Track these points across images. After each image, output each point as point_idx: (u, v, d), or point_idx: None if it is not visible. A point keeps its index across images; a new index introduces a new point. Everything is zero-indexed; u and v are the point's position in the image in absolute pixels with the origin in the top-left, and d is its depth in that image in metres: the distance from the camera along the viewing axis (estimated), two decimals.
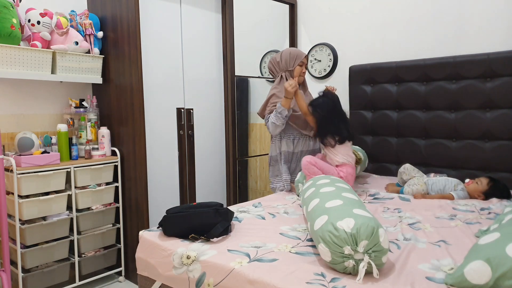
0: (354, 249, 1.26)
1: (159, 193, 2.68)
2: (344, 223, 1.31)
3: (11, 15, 2.18)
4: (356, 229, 1.28)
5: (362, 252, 1.26)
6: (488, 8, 2.62)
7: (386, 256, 1.29)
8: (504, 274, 1.08)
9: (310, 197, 1.72)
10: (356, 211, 1.39)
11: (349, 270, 1.28)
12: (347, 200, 1.51)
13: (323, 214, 1.43)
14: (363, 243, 1.26)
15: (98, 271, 2.61)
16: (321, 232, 1.34)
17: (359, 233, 1.27)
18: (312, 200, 1.65)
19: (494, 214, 1.96)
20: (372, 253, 1.26)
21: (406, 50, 2.99)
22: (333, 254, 1.29)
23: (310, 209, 1.61)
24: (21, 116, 2.50)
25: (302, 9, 3.60)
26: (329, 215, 1.40)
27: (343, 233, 1.28)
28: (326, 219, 1.38)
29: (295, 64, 2.60)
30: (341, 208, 1.43)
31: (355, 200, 1.56)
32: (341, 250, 1.27)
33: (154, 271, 1.64)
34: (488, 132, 2.56)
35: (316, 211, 1.52)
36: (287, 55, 2.62)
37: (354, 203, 1.50)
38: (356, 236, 1.27)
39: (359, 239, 1.26)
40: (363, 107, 3.13)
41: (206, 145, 3.00)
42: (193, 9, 2.85)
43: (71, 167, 2.37)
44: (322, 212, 1.45)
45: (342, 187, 1.73)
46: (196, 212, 1.69)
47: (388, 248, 1.30)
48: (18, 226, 2.18)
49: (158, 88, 2.65)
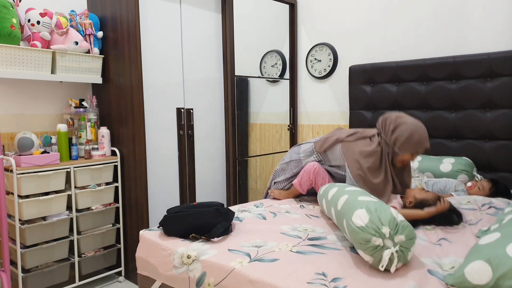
0: (392, 234, 1.29)
1: (159, 193, 2.68)
2: (395, 213, 1.36)
3: (11, 15, 2.17)
4: (404, 223, 1.33)
5: (394, 242, 1.29)
6: (488, 8, 2.62)
7: (400, 264, 1.31)
8: (504, 274, 1.08)
9: (340, 193, 1.67)
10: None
11: (368, 246, 1.30)
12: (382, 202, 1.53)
13: (369, 197, 1.50)
14: (401, 237, 1.30)
15: (98, 271, 2.60)
16: (370, 204, 1.40)
17: (404, 228, 1.32)
18: (349, 187, 1.72)
19: (494, 209, 1.96)
20: (399, 251, 1.29)
21: (406, 50, 2.99)
22: (370, 223, 1.32)
23: (349, 189, 1.67)
24: (21, 116, 2.50)
25: (302, 9, 3.60)
26: (377, 199, 1.49)
27: (392, 217, 1.33)
28: (376, 200, 1.46)
29: (411, 150, 2.02)
30: (382, 203, 1.48)
31: None
32: (380, 225, 1.30)
33: (154, 271, 1.64)
34: (488, 132, 2.56)
35: (360, 192, 1.59)
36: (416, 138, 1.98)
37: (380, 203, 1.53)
38: (400, 227, 1.32)
39: (401, 232, 1.31)
40: (363, 107, 3.12)
41: (206, 145, 3.00)
42: (193, 9, 2.85)
43: (71, 167, 2.37)
44: (368, 195, 1.54)
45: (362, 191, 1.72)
46: (196, 212, 1.69)
47: (408, 260, 1.34)
48: (18, 226, 2.18)
49: (158, 88, 2.65)
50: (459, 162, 2.50)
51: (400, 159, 2.07)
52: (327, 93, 3.48)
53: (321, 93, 3.52)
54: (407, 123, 2.03)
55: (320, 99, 3.53)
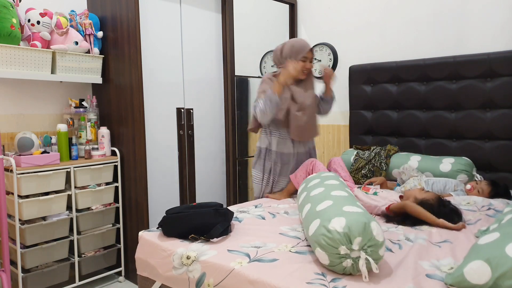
0: (349, 247, 1.26)
1: (159, 193, 2.68)
2: (336, 223, 1.30)
3: (11, 15, 2.18)
4: (347, 227, 1.27)
5: (357, 250, 1.26)
6: (488, 8, 2.62)
7: (382, 249, 1.29)
8: (503, 274, 1.08)
9: (302, 203, 1.72)
10: (346, 208, 1.39)
11: (348, 270, 1.28)
12: (336, 199, 1.51)
13: (316, 219, 1.43)
14: (357, 240, 1.25)
15: (98, 271, 2.60)
16: (315, 237, 1.34)
17: (351, 230, 1.27)
18: (304, 206, 1.65)
19: (493, 211, 1.96)
20: (367, 248, 1.26)
21: (406, 50, 2.99)
22: (330, 256, 1.28)
23: (304, 215, 1.61)
24: (21, 116, 2.50)
25: (302, 9, 3.60)
26: (320, 218, 1.40)
27: (336, 233, 1.28)
28: (318, 223, 1.38)
29: (297, 59, 2.33)
30: (331, 208, 1.43)
31: (345, 196, 1.56)
32: (337, 251, 1.27)
33: (154, 272, 1.64)
34: (488, 132, 2.56)
35: (309, 217, 1.52)
36: (288, 48, 2.36)
37: (344, 200, 1.49)
38: (349, 234, 1.26)
39: (353, 237, 1.26)
40: (363, 107, 3.12)
41: (206, 145, 3.00)
42: (193, 9, 2.85)
43: (71, 167, 2.37)
44: (315, 217, 1.45)
45: (332, 185, 1.72)
46: (196, 213, 1.69)
47: (383, 241, 1.29)
48: (18, 226, 2.18)
49: (158, 88, 2.65)
50: (458, 162, 2.50)
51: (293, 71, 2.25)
52: None
53: None
54: (286, 41, 2.44)
55: None
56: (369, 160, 2.79)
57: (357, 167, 2.82)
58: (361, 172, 2.79)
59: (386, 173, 2.71)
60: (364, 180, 2.71)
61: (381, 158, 2.76)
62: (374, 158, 2.78)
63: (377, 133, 3.08)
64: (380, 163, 2.73)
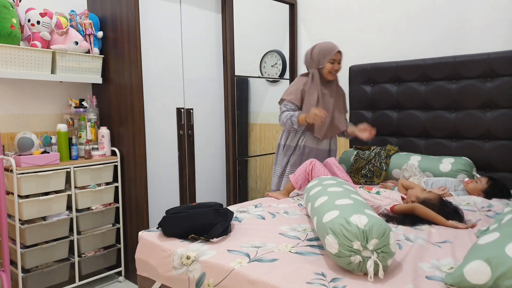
0: (363, 245, 1.26)
1: (159, 193, 2.68)
2: (357, 219, 1.32)
3: (11, 15, 2.18)
4: (369, 226, 1.28)
5: (371, 250, 1.26)
6: (488, 8, 2.62)
7: (391, 260, 1.30)
8: (503, 274, 1.08)
9: (316, 195, 1.72)
10: (367, 211, 1.40)
11: (352, 266, 1.28)
12: (356, 201, 1.52)
13: (334, 210, 1.44)
14: (373, 242, 1.26)
15: (98, 271, 2.61)
16: (332, 224, 1.35)
17: (372, 231, 1.27)
18: (319, 197, 1.66)
19: (493, 212, 1.96)
20: (380, 253, 1.26)
21: (406, 50, 2.99)
22: (341, 246, 1.28)
23: (317, 205, 1.61)
24: (21, 116, 2.50)
25: (302, 9, 3.60)
26: (340, 210, 1.41)
27: (356, 228, 1.29)
28: (337, 214, 1.39)
29: (325, 61, 2.52)
30: (351, 206, 1.45)
31: (364, 202, 1.57)
32: (350, 244, 1.27)
33: (154, 272, 1.64)
34: (488, 132, 2.56)
35: (325, 206, 1.52)
36: (317, 51, 2.54)
37: (364, 204, 1.51)
38: (368, 233, 1.27)
39: (370, 237, 1.27)
40: (363, 107, 3.12)
41: (206, 145, 3.00)
42: (193, 9, 2.85)
43: (71, 167, 2.37)
44: (333, 208, 1.46)
45: (350, 189, 1.73)
46: (195, 213, 1.69)
47: (395, 252, 1.30)
48: (18, 226, 2.18)
49: (158, 88, 2.65)
50: (458, 162, 2.50)
51: (326, 72, 2.53)
52: None
53: None
54: (316, 44, 2.58)
55: None
56: (369, 160, 2.79)
57: (357, 167, 2.82)
58: (361, 172, 2.78)
59: (386, 173, 2.71)
60: (364, 180, 2.71)
61: (381, 158, 2.76)
62: (374, 158, 2.78)
63: (377, 133, 3.07)
64: (380, 163, 2.73)
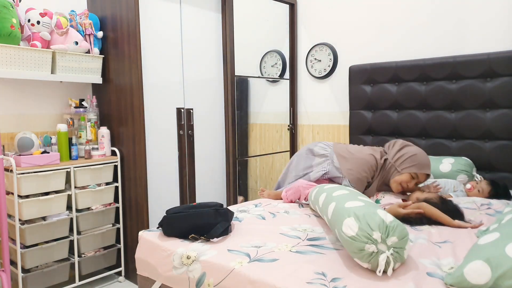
0: (383, 238, 1.28)
1: (159, 193, 2.68)
2: (383, 214, 1.35)
3: (11, 15, 2.18)
4: (394, 224, 1.31)
5: (388, 246, 1.28)
6: (488, 8, 2.62)
7: (398, 264, 1.31)
8: (503, 274, 1.08)
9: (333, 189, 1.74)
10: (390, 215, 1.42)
11: (363, 254, 1.28)
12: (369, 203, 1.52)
13: (358, 201, 1.47)
14: (393, 239, 1.28)
15: (98, 271, 2.61)
16: (356, 209, 1.38)
17: (394, 230, 1.30)
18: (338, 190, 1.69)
19: (493, 211, 1.97)
20: (394, 253, 1.28)
21: (406, 50, 2.99)
22: (360, 231, 1.30)
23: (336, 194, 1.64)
24: (21, 116, 2.50)
25: (302, 9, 3.60)
26: (365, 203, 1.44)
27: (381, 220, 1.31)
28: (362, 204, 1.42)
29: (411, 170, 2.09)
30: (374, 205, 1.47)
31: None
32: (370, 232, 1.29)
33: (154, 271, 1.64)
34: (488, 132, 2.56)
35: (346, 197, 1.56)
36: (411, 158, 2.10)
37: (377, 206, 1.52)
38: (390, 229, 1.30)
39: (392, 234, 1.29)
40: (363, 107, 3.13)
41: (206, 145, 3.00)
42: (193, 9, 2.85)
43: (71, 167, 2.37)
44: (356, 199, 1.50)
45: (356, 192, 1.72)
46: (196, 212, 1.69)
47: (405, 258, 1.33)
48: (18, 226, 2.18)
49: (158, 88, 2.65)
50: (458, 162, 2.50)
51: (398, 180, 2.11)
52: (327, 93, 3.48)
53: (321, 93, 3.52)
54: (413, 147, 2.19)
55: (320, 99, 3.53)
56: None
57: None
58: None
59: None
60: None
61: None
62: None
63: (377, 133, 3.08)
64: None
